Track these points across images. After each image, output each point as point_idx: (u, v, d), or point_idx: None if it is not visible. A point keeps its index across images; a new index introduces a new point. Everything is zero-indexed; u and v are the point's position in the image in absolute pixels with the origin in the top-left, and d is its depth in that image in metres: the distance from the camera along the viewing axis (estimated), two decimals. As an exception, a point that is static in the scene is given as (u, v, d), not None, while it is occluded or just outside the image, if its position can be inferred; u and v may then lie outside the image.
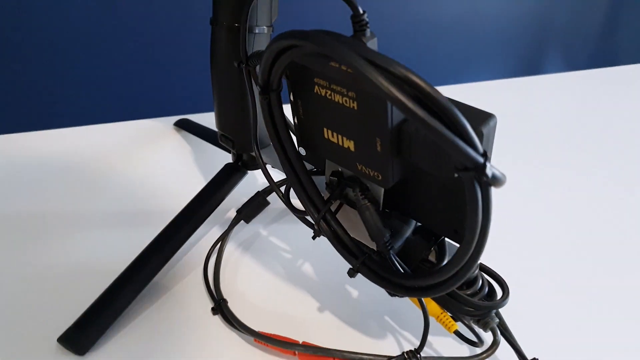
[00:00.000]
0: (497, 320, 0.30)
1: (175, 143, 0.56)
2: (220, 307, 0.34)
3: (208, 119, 0.60)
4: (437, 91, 0.19)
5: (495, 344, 0.30)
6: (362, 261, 0.28)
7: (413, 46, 1.17)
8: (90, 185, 0.48)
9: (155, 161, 0.53)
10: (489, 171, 0.19)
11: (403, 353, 0.29)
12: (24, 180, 0.48)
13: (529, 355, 0.30)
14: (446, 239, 0.30)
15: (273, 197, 0.41)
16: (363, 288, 0.37)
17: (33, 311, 0.34)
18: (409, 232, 0.30)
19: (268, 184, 0.42)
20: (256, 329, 0.32)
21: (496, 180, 0.19)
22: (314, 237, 0.32)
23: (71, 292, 0.36)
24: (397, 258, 0.28)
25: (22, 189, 0.47)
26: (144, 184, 0.49)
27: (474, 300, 0.29)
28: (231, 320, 0.33)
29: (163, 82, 1.05)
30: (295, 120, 0.29)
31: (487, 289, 0.30)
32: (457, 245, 0.30)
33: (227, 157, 0.44)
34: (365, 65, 0.19)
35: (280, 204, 0.46)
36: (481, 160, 0.19)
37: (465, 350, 0.32)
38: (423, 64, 1.22)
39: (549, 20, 1.32)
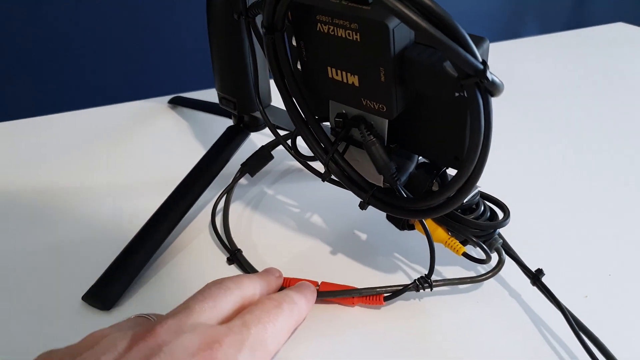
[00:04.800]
0: (501, 241, 0.32)
1: (173, 119, 0.57)
2: (236, 256, 0.35)
3: (200, 96, 0.62)
4: (440, 7, 0.20)
5: (501, 263, 0.32)
6: (372, 193, 0.30)
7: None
8: (95, 163, 0.49)
9: (157, 136, 0.54)
10: (489, 75, 0.20)
11: (415, 280, 0.31)
12: (29, 162, 0.49)
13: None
14: (447, 172, 0.32)
15: (277, 156, 0.43)
16: (371, 229, 0.39)
17: (50, 279, 0.35)
18: (412, 167, 0.32)
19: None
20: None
21: (495, 86, 0.21)
22: (323, 179, 0.34)
23: (89, 258, 0.37)
24: (404, 188, 0.30)
25: (29, 171, 0.48)
26: (149, 157, 0.50)
27: (479, 222, 0.31)
28: (247, 268, 0.34)
29: (150, 64, 1.04)
30: (299, 65, 0.30)
31: (489, 213, 0.32)
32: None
33: (226, 125, 0.45)
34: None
35: (283, 164, 0.48)
36: (481, 66, 0.21)
37: (472, 274, 0.34)
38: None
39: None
